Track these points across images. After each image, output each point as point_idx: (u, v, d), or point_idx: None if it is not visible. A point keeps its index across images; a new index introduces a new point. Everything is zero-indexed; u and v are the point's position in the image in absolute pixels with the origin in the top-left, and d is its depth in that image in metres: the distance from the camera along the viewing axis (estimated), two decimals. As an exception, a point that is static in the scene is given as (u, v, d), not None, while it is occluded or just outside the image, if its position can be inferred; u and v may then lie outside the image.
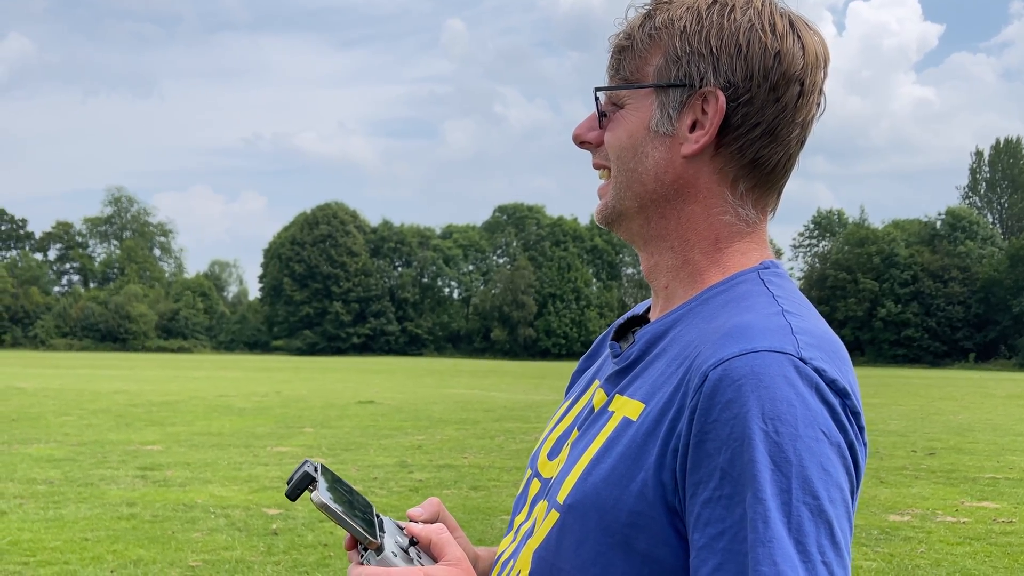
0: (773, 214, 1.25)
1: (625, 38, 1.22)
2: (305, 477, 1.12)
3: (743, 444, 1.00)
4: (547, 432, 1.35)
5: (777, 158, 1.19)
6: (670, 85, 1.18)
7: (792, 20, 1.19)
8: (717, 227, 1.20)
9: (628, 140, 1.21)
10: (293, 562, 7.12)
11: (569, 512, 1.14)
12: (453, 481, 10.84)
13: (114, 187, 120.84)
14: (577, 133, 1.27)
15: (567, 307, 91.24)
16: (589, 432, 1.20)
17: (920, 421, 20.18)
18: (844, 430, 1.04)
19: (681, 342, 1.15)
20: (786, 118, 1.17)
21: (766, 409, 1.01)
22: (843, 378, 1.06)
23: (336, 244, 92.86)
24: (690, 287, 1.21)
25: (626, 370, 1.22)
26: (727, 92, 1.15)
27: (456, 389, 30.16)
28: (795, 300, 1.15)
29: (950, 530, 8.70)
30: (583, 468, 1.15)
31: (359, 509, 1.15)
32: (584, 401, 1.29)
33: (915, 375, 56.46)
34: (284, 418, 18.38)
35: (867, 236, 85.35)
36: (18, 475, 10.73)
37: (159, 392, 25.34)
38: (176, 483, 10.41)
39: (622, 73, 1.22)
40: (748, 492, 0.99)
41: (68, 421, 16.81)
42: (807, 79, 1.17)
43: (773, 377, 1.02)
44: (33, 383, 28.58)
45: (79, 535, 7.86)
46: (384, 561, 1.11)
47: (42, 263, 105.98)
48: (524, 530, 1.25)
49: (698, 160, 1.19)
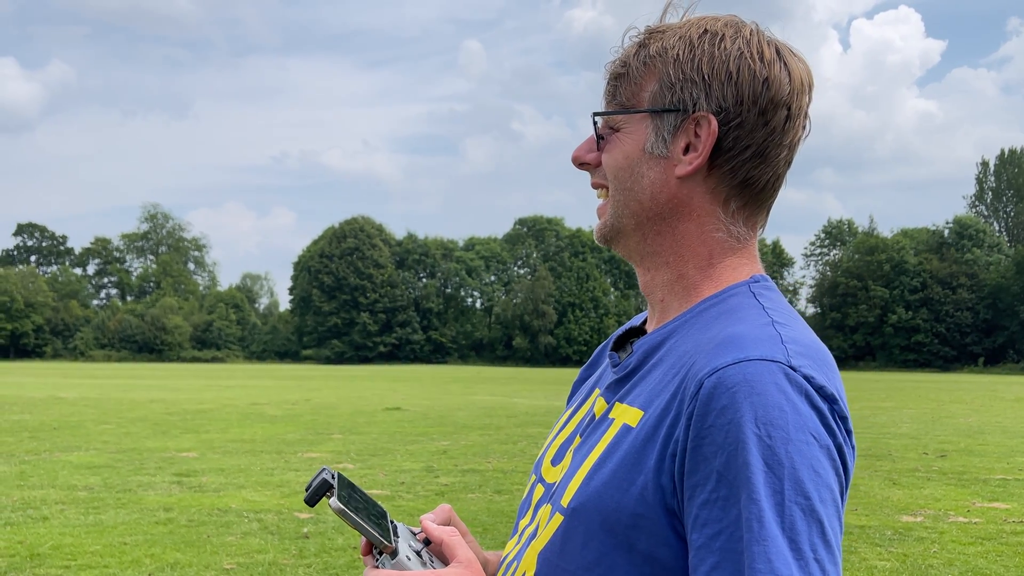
0: (763, 230, 1.28)
1: (621, 65, 1.24)
2: (323, 484, 1.13)
3: (738, 448, 1.02)
4: (550, 439, 1.37)
5: (766, 178, 1.21)
6: (665, 110, 1.20)
7: (779, 48, 1.21)
8: (710, 244, 1.22)
9: (625, 161, 1.23)
10: (324, 565, 7.11)
11: (573, 515, 1.16)
12: (478, 485, 10.81)
13: (150, 204, 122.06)
14: (576, 155, 1.29)
15: (586, 315, 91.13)
16: (591, 439, 1.22)
17: (931, 424, 20.00)
18: (833, 433, 1.06)
19: (677, 352, 1.17)
20: (774, 140, 1.20)
21: (759, 414, 1.03)
22: (831, 384, 1.08)
23: (363, 257, 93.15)
24: (685, 300, 1.23)
25: (625, 379, 1.24)
26: (719, 116, 1.18)
27: (479, 396, 30.14)
28: (784, 311, 1.18)
29: (962, 530, 8.61)
30: (586, 473, 1.17)
31: (374, 515, 1.17)
32: (585, 409, 1.31)
33: (925, 379, 56.03)
34: (314, 425, 18.41)
35: (877, 245, 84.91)
36: (59, 482, 10.79)
37: (194, 401, 25.45)
38: (211, 489, 10.44)
39: (619, 99, 1.24)
40: (743, 493, 1.01)
41: (107, 429, 16.90)
42: (793, 104, 1.20)
43: (765, 384, 1.04)
44: (73, 393, 28.76)
45: (118, 539, 7.89)
46: (399, 564, 1.13)
47: (81, 277, 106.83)
48: (528, 533, 1.27)
49: (691, 181, 1.21)
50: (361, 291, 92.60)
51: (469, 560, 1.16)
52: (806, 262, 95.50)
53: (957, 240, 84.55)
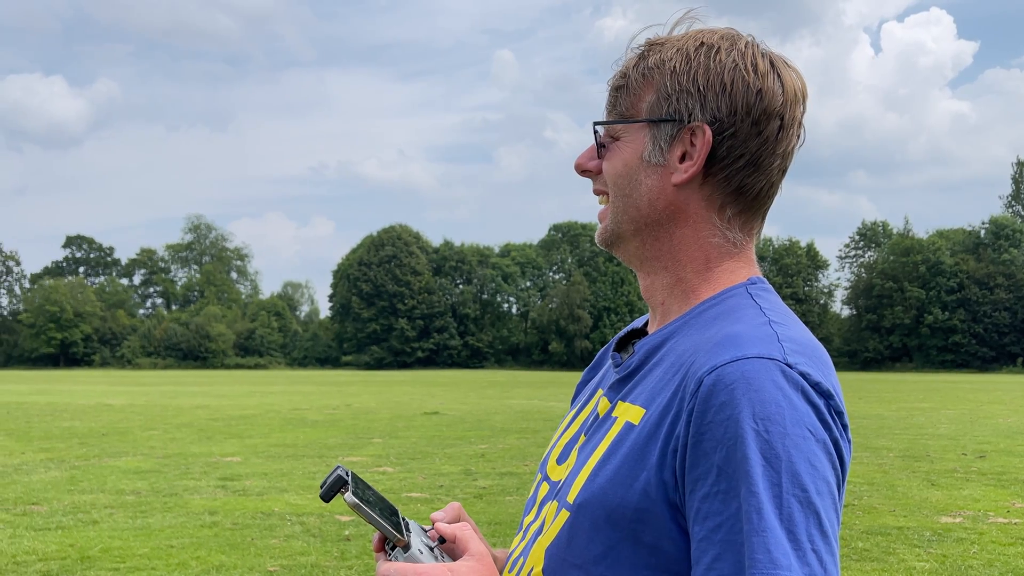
0: (759, 235, 1.30)
1: (621, 77, 1.28)
2: (338, 480, 1.16)
3: (737, 443, 1.05)
4: (555, 438, 1.40)
5: (760, 186, 1.24)
6: (661, 120, 1.23)
7: (772, 60, 1.23)
8: (707, 248, 1.25)
9: (624, 169, 1.27)
10: (365, 567, 7.14)
11: (579, 510, 1.18)
12: (515, 488, 10.80)
13: (194, 215, 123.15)
14: (579, 163, 1.32)
15: (621, 320, 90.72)
16: (595, 437, 1.25)
17: (969, 425, 19.71)
18: (829, 428, 1.08)
19: (677, 352, 1.20)
20: (768, 149, 1.22)
21: (757, 410, 1.05)
22: (826, 381, 1.10)
23: (400, 264, 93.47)
24: (684, 303, 1.26)
25: (627, 378, 1.27)
26: (713, 127, 1.20)
27: (516, 400, 30.12)
28: (780, 311, 1.20)
29: (1002, 531, 8.47)
30: (591, 470, 1.19)
31: (387, 511, 1.20)
32: (589, 409, 1.34)
33: (963, 380, 55.23)
34: (354, 429, 18.50)
35: (912, 246, 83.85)
36: (108, 486, 10.92)
37: (238, 407, 25.66)
38: (254, 492, 10.51)
39: (618, 109, 1.28)
40: (742, 487, 1.04)
41: (154, 435, 17.09)
42: (787, 114, 1.22)
43: (762, 381, 1.06)
44: (121, 400, 29.12)
45: (165, 542, 7.97)
46: (411, 558, 1.16)
47: (128, 287, 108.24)
48: (534, 529, 1.29)
49: (688, 188, 1.24)
50: (399, 298, 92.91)
51: (481, 554, 1.19)
52: (841, 264, 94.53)
53: (994, 240, 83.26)
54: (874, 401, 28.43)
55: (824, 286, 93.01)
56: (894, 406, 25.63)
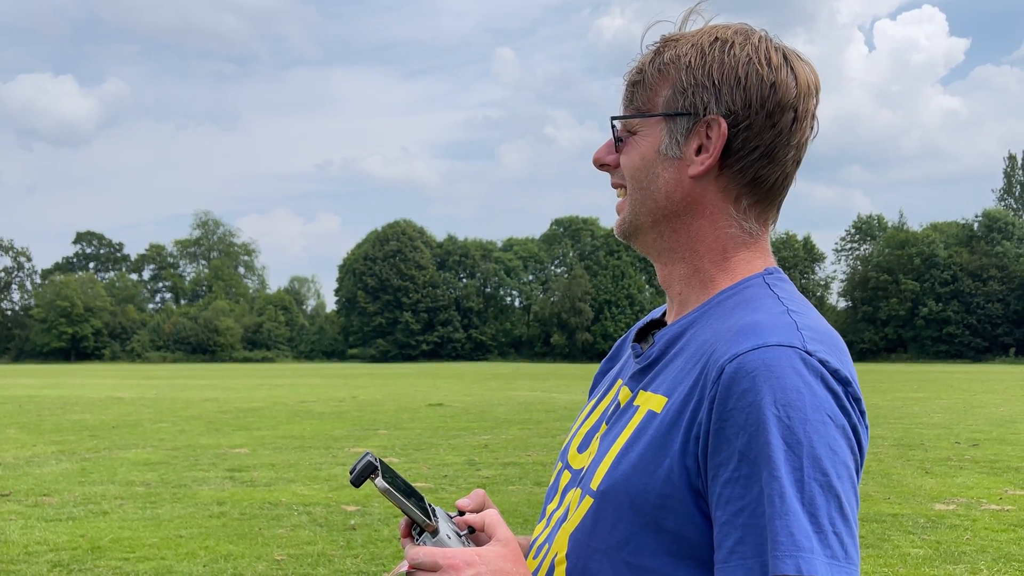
0: (774, 225, 1.30)
1: (637, 73, 1.28)
2: (368, 466, 1.16)
3: (758, 428, 1.05)
4: (575, 428, 1.40)
5: (775, 177, 1.24)
6: (677, 114, 1.23)
7: (786, 53, 1.24)
8: (723, 239, 1.25)
9: (641, 162, 1.27)
10: (371, 555, 7.15)
11: (603, 497, 1.18)
12: (518, 478, 10.81)
13: (202, 212, 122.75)
14: (597, 157, 1.33)
15: (622, 312, 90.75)
16: (617, 425, 1.25)
17: (963, 414, 19.71)
18: (848, 414, 1.08)
19: (697, 341, 1.20)
20: (782, 141, 1.22)
21: (778, 397, 1.05)
22: (844, 368, 1.10)
23: (405, 259, 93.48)
24: (702, 293, 1.26)
25: (648, 368, 1.27)
26: (728, 119, 1.21)
27: (519, 391, 30.13)
28: (798, 301, 1.20)
29: (995, 518, 8.48)
30: (613, 457, 1.20)
31: (415, 497, 1.20)
32: (609, 398, 1.34)
33: (957, 370, 55.21)
34: (360, 421, 18.51)
35: (907, 239, 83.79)
36: (118, 478, 10.93)
37: (245, 399, 25.68)
38: (262, 483, 10.52)
39: (635, 103, 1.28)
40: (764, 471, 1.04)
41: (163, 428, 17.10)
42: (800, 106, 1.22)
43: (783, 368, 1.07)
44: (131, 393, 29.15)
45: (174, 533, 7.98)
46: (439, 542, 1.16)
47: (137, 283, 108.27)
48: (557, 516, 1.29)
49: (704, 180, 1.24)
50: (404, 292, 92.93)
51: (508, 539, 1.19)
52: (837, 257, 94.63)
53: (987, 233, 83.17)
54: (870, 391, 28.41)
55: (821, 279, 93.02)
56: (889, 396, 25.62)
